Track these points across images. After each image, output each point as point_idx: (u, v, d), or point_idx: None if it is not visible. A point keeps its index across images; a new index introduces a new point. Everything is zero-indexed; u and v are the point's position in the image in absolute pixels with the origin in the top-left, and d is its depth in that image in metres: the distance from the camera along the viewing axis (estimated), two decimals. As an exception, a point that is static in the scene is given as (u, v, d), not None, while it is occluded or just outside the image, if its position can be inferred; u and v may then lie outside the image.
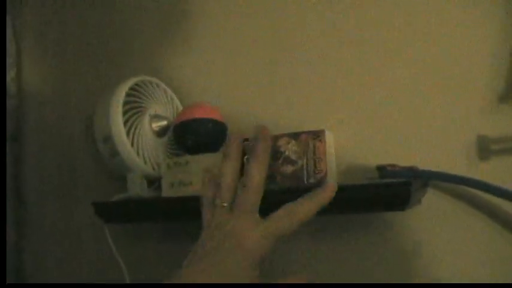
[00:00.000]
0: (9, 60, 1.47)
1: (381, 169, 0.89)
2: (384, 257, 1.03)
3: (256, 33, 1.19)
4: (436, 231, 0.98)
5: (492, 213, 0.94)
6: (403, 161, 0.95)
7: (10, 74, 1.48)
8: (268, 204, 0.96)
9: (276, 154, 1.08)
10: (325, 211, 0.94)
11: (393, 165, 0.90)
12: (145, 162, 1.11)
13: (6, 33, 1.45)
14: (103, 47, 1.43)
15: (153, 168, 1.12)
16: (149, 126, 1.15)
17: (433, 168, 0.92)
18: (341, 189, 0.89)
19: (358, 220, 1.05)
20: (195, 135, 1.05)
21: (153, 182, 1.14)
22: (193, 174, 1.03)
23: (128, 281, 1.10)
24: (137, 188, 1.11)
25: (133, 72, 1.18)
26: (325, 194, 0.75)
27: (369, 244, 1.04)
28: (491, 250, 0.94)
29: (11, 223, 1.43)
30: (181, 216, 1.06)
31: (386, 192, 0.82)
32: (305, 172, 1.04)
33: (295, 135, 1.08)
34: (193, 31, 1.28)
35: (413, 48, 1.02)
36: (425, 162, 0.96)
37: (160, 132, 1.17)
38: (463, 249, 0.96)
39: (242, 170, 0.77)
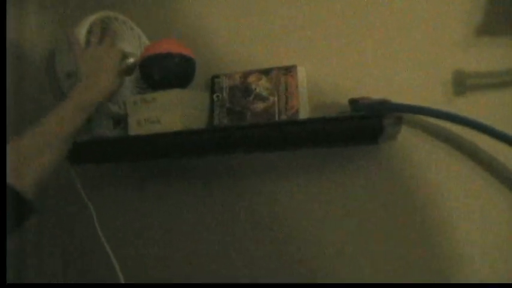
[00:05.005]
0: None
1: (353, 102, 0.87)
2: (360, 190, 1.02)
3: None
4: (411, 165, 0.97)
5: (464, 148, 0.92)
6: (377, 97, 0.92)
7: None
8: (239, 141, 0.94)
9: (246, 91, 1.04)
10: (299, 145, 0.92)
11: (366, 98, 0.87)
12: (110, 100, 1.06)
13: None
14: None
15: (119, 107, 1.08)
16: (115, 63, 1.09)
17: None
18: (313, 122, 0.86)
19: (334, 154, 1.03)
20: (161, 70, 1.00)
21: (119, 122, 1.09)
22: (161, 111, 0.99)
23: (96, 223, 1.07)
24: (103, 128, 1.07)
25: (99, 8, 1.12)
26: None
27: (345, 177, 1.02)
28: (465, 182, 0.93)
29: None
30: (150, 154, 1.02)
31: (359, 124, 0.80)
32: (277, 109, 1.01)
33: (266, 72, 1.04)
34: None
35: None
36: (400, 98, 0.93)
37: (127, 71, 1.12)
38: (437, 181, 0.95)
39: None
